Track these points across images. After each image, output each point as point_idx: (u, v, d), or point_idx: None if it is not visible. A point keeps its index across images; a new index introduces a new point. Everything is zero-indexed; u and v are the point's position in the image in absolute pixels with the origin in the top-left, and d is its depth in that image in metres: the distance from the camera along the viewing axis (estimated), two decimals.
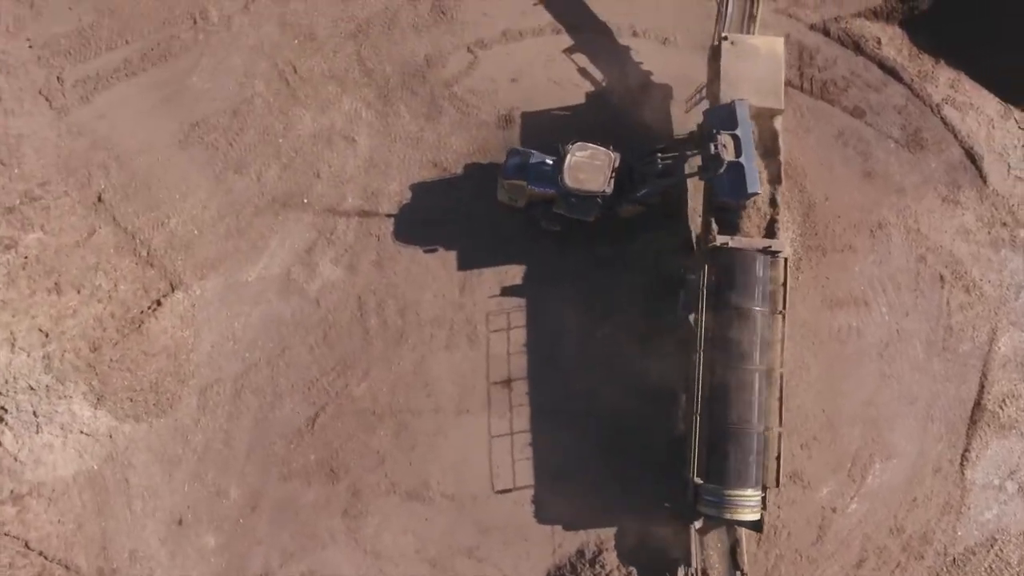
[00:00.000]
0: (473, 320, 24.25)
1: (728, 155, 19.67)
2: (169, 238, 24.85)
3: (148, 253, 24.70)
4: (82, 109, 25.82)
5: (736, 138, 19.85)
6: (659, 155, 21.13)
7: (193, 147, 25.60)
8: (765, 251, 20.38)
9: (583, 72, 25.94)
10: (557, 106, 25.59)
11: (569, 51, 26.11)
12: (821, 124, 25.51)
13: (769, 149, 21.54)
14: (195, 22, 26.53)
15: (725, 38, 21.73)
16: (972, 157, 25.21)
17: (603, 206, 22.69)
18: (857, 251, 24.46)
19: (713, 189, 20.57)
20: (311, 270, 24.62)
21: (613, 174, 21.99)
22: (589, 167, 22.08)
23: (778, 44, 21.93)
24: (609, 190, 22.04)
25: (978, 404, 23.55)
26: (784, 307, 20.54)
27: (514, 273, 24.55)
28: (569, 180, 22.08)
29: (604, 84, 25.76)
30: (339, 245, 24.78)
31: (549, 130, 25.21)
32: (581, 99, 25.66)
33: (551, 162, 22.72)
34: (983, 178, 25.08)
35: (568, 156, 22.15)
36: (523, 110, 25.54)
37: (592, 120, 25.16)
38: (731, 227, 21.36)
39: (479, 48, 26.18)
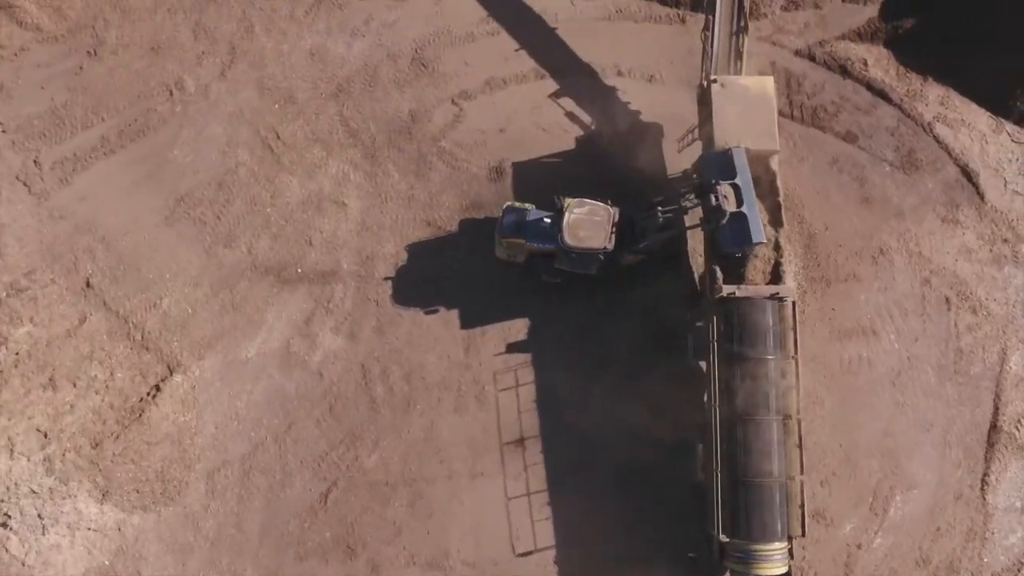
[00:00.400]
0: (480, 380, 23.94)
1: (730, 206, 19.46)
2: (163, 319, 24.41)
3: (142, 336, 24.23)
4: (62, 192, 25.33)
5: (736, 187, 19.65)
6: (659, 208, 20.86)
7: (180, 223, 25.15)
8: (773, 297, 20.17)
9: (571, 116, 25.66)
10: (547, 153, 25.31)
11: (555, 96, 25.83)
12: (814, 152, 25.36)
13: (767, 191, 21.33)
14: (171, 93, 26.05)
15: (714, 80, 21.50)
16: (968, 174, 25.14)
17: (604, 259, 22.43)
18: (861, 279, 24.34)
19: (716, 240, 20.35)
20: (311, 341, 24.23)
21: (614, 229, 21.76)
22: (589, 224, 21.82)
23: (768, 83, 21.73)
24: (611, 246, 21.81)
25: (994, 426, 23.48)
26: (796, 352, 20.35)
27: (518, 328, 24.26)
28: (569, 238, 21.81)
29: (593, 127, 25.49)
30: (338, 313, 24.41)
31: (542, 180, 25.02)
32: (571, 144, 25.39)
33: (549, 220, 22.46)
34: (981, 195, 25.02)
35: (567, 213, 21.89)
36: (513, 160, 25.25)
37: (584, 166, 24.95)
38: (735, 273, 21.20)
39: (463, 100, 25.83)
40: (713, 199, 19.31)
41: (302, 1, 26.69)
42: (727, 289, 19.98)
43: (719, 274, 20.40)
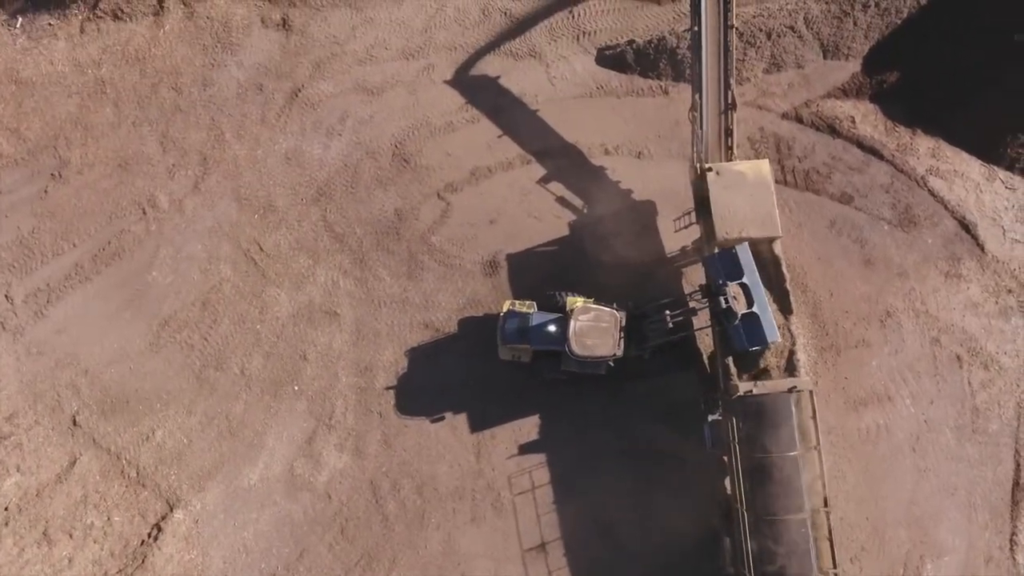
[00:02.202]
0: (495, 486, 23.56)
1: (740, 307, 19.30)
2: (157, 452, 23.74)
3: (137, 473, 23.54)
4: (38, 326, 24.58)
5: (745, 287, 19.49)
6: (667, 312, 20.64)
7: (166, 348, 24.51)
8: (790, 391, 20.01)
9: (562, 201, 25.42)
10: (542, 242, 25.07)
11: (543, 181, 25.60)
12: (812, 217, 25.37)
13: (773, 277, 21.20)
14: (144, 212, 25.40)
15: (709, 169, 21.32)
16: (966, 226, 25.30)
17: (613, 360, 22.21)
18: (871, 345, 24.37)
19: (729, 339, 20.15)
20: (315, 461, 23.70)
21: (621, 335, 21.56)
22: (595, 331, 21.65)
23: (764, 167, 21.63)
24: (620, 353, 21.66)
25: (1017, 484, 23.60)
26: (818, 442, 20.23)
27: (528, 427, 23.93)
28: (577, 348, 21.63)
29: (586, 211, 25.28)
30: (340, 430, 23.91)
31: (539, 271, 24.82)
32: (565, 231, 25.15)
33: (554, 327, 22.26)
34: (981, 246, 25.18)
35: (572, 321, 21.73)
36: (508, 252, 24.98)
37: (580, 253, 24.75)
38: (750, 361, 21.03)
39: (450, 193, 25.49)
40: (723, 301, 19.15)
41: (273, 103, 26.23)
42: (743, 387, 19.80)
43: (734, 372, 20.21)
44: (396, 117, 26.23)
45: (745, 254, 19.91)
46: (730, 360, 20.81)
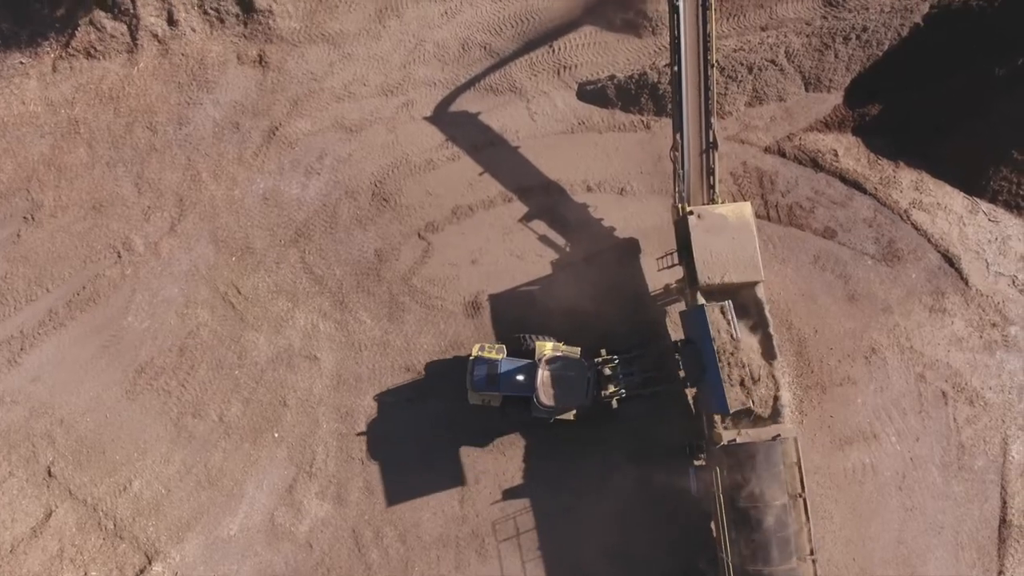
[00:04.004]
0: (479, 532, 23.39)
1: (702, 371, 19.86)
2: (135, 503, 23.46)
3: (115, 525, 23.25)
4: (12, 374, 24.28)
5: (698, 351, 20.13)
6: (639, 364, 21.06)
7: (143, 395, 24.23)
8: (774, 439, 19.95)
9: (544, 239, 25.29)
10: (524, 281, 24.95)
11: (525, 219, 25.46)
12: (796, 253, 25.34)
13: (757, 321, 21.13)
14: (119, 255, 25.11)
15: (690, 212, 21.23)
16: (950, 260, 25.32)
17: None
18: (856, 382, 24.34)
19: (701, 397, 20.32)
20: (296, 510, 23.45)
21: (589, 383, 21.84)
22: (563, 380, 21.87)
23: (746, 210, 21.59)
24: (588, 402, 21.93)
25: (1004, 521, 23.63)
26: (803, 489, 20.18)
27: (512, 473, 23.76)
28: (544, 398, 21.82)
29: (568, 249, 25.13)
30: (321, 477, 23.67)
31: (521, 310, 24.68)
32: (547, 269, 25.03)
33: (522, 376, 22.23)
34: (964, 280, 25.20)
35: (539, 371, 21.86)
36: (490, 292, 24.83)
37: (563, 292, 24.58)
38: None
39: (430, 232, 25.32)
40: (685, 361, 19.76)
41: (250, 141, 25.99)
42: (727, 436, 19.73)
43: (718, 419, 20.12)
44: (375, 155, 26.08)
45: (708, 316, 20.17)
46: (715, 415, 20.77)
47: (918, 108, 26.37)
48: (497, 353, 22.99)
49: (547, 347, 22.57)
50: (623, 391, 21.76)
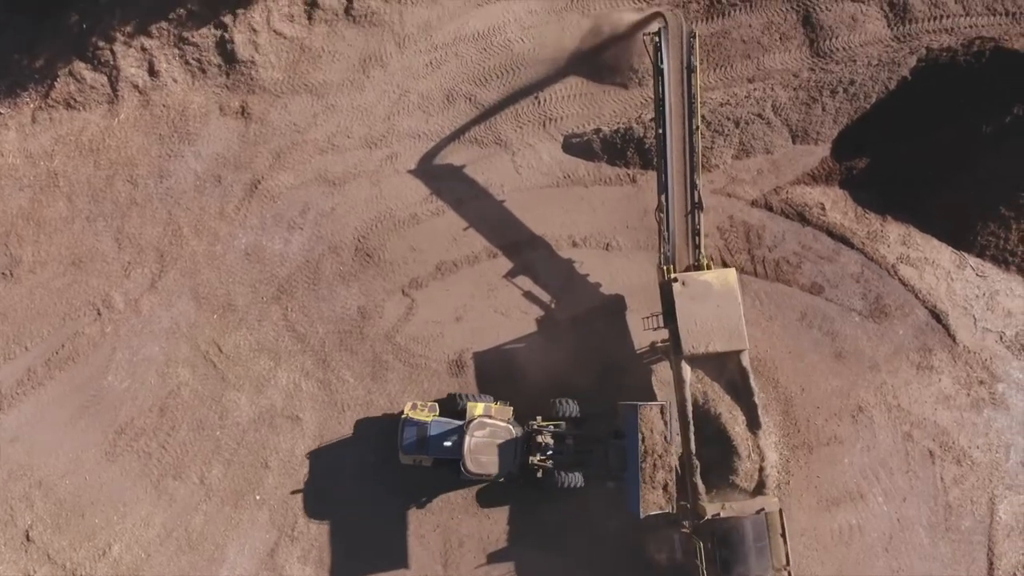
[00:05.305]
0: None
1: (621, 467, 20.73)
2: (114, 568, 23.28)
3: None
4: None
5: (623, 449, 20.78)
6: (573, 440, 21.93)
7: (123, 457, 24.02)
8: (758, 513, 19.83)
9: (529, 296, 25.10)
10: (509, 339, 24.76)
11: (510, 275, 25.28)
12: (783, 309, 25.22)
13: (741, 389, 21.01)
14: (99, 313, 24.87)
15: (675, 279, 21.07)
16: (937, 316, 25.23)
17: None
18: (843, 442, 24.25)
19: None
20: (278, 575, 23.22)
21: (516, 452, 21.96)
22: (490, 448, 21.91)
23: (730, 276, 21.47)
24: (515, 471, 22.04)
25: None
26: (788, 562, 20.11)
27: (497, 535, 23.61)
28: (472, 465, 21.92)
29: (553, 307, 24.96)
30: (303, 540, 23.48)
31: (506, 369, 24.50)
32: (532, 327, 24.84)
33: (449, 443, 22.19)
34: (952, 336, 25.11)
35: (467, 437, 21.88)
36: (474, 350, 24.64)
37: (549, 351, 24.41)
38: (723, 470, 20.96)
39: (414, 289, 25.11)
40: (613, 456, 20.92)
41: (232, 195, 25.76)
42: (711, 509, 19.61)
43: (702, 491, 19.99)
44: (359, 209, 25.87)
45: (633, 419, 20.68)
46: (698, 479, 20.63)
47: (905, 162, 26.32)
48: (429, 412, 22.98)
49: (479, 409, 22.58)
50: (550, 464, 21.94)
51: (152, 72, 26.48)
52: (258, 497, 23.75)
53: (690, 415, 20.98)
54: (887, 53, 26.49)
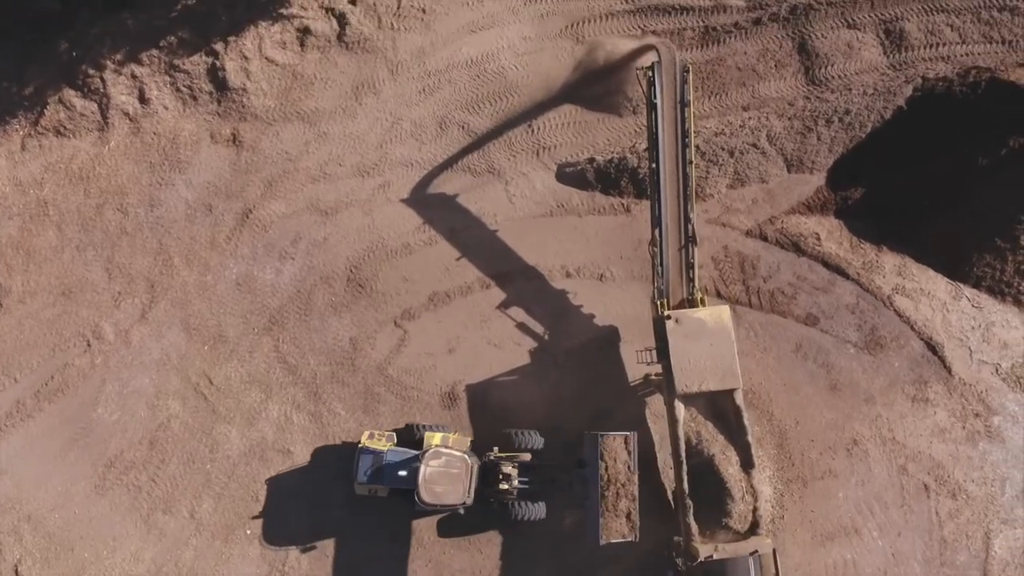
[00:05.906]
0: None
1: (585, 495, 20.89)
2: None
3: None
4: None
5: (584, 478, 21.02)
6: (535, 473, 21.99)
7: (112, 491, 23.82)
8: (752, 554, 19.71)
9: (523, 327, 24.95)
10: (503, 371, 24.63)
11: (503, 306, 25.13)
12: (777, 341, 25.09)
13: (735, 428, 20.88)
14: (89, 344, 24.65)
15: (668, 316, 20.93)
16: (933, 348, 25.12)
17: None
18: (837, 475, 24.14)
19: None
20: None
21: (471, 482, 21.86)
22: (445, 477, 21.79)
23: (724, 314, 21.34)
24: (470, 501, 21.94)
25: None
26: None
27: (489, 570, 23.39)
28: (426, 495, 21.74)
29: (547, 338, 24.81)
30: (294, 575, 23.32)
31: (499, 401, 24.36)
32: (525, 359, 24.70)
33: (405, 472, 21.99)
34: (947, 368, 25.01)
35: (422, 466, 21.72)
36: (467, 382, 24.49)
37: (541, 382, 24.31)
38: (716, 513, 20.85)
39: (407, 320, 24.94)
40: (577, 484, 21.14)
41: (223, 224, 25.55)
42: (704, 551, 19.47)
43: (695, 531, 19.85)
44: (351, 239, 25.66)
45: (594, 449, 20.95)
46: (691, 520, 20.50)
47: (901, 192, 26.27)
48: (386, 442, 22.82)
49: (436, 439, 22.48)
50: (509, 496, 21.93)
51: (143, 99, 26.24)
52: (248, 531, 23.59)
53: (683, 454, 21.02)
54: (883, 82, 26.40)
